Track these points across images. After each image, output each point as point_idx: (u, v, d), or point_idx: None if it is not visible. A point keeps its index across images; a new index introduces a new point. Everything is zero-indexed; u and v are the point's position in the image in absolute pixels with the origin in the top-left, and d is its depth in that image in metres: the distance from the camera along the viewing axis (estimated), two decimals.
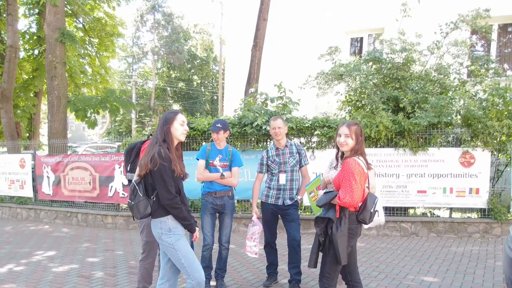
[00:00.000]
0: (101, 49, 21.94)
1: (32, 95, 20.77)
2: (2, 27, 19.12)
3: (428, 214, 10.67)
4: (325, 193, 4.52)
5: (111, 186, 11.91)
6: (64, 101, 14.44)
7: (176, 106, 57.52)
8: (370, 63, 11.73)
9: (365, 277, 6.94)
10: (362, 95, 11.45)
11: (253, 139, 11.05)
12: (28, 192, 13.81)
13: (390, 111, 10.44)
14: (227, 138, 6.70)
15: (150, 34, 56.41)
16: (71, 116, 17.20)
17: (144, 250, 5.78)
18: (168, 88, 58.16)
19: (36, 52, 21.45)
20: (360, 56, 13.25)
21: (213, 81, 60.95)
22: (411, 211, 10.71)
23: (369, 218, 4.41)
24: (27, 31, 21.36)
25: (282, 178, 6.41)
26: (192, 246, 5.04)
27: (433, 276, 7.04)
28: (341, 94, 12.08)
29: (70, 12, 19.96)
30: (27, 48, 21.69)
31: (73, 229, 12.08)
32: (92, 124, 15.71)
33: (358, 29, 17.11)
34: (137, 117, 51.30)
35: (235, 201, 8.03)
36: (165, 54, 54.55)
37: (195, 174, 6.47)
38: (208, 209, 6.45)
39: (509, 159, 10.09)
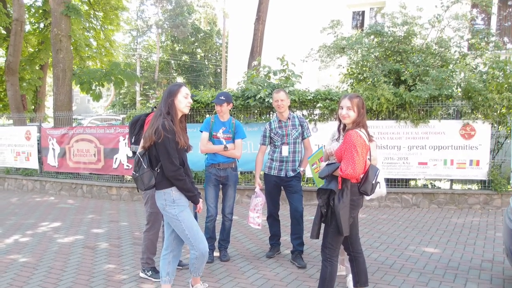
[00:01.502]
0: (106, 23, 21.87)
1: (37, 68, 20.78)
2: (8, 0, 19.04)
3: (429, 186, 10.75)
4: (327, 165, 4.53)
5: (116, 158, 11.99)
6: (69, 74, 14.46)
7: (180, 79, 57.27)
8: (372, 37, 11.70)
9: (367, 248, 7.01)
10: (364, 68, 11.45)
11: (256, 111, 11.09)
12: (33, 164, 13.92)
13: (391, 83, 10.43)
14: (230, 110, 6.73)
15: (154, 7, 56.05)
16: (76, 88, 17.23)
17: (148, 221, 5.84)
18: (172, 61, 57.89)
19: (41, 25, 21.45)
20: (362, 30, 13.23)
21: (217, 54, 60.61)
22: (412, 183, 10.77)
23: (370, 190, 4.43)
24: (33, 5, 21.30)
25: (285, 150, 6.43)
26: (195, 217, 5.11)
27: (434, 247, 7.11)
28: (343, 67, 12.07)
29: None
30: (33, 22, 21.67)
31: (78, 201, 12.21)
32: (97, 97, 15.75)
33: (360, 3, 17.03)
34: (142, 90, 51.18)
35: (238, 172, 8.09)
36: (169, 27, 54.19)
37: (198, 146, 6.51)
38: (211, 180, 6.50)
39: (509, 131, 10.14)
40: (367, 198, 4.74)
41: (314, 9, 16.79)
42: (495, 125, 10.05)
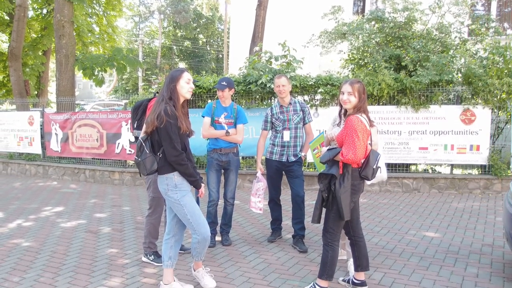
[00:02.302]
0: (108, 8, 21.77)
1: (40, 54, 20.75)
2: None
3: (430, 171, 10.79)
4: (328, 150, 4.55)
5: (118, 143, 12.03)
6: (72, 60, 14.47)
7: (182, 65, 57.16)
8: (373, 22, 11.73)
9: (368, 233, 7.05)
10: (365, 54, 11.47)
11: (257, 96, 11.11)
12: (36, 149, 13.98)
13: (392, 69, 10.46)
14: (232, 95, 6.74)
15: None
16: (79, 74, 17.21)
17: (150, 206, 5.86)
18: (174, 47, 57.72)
19: (44, 11, 21.35)
20: (363, 15, 13.21)
21: (219, 40, 60.47)
22: (412, 168, 10.83)
23: (371, 174, 4.44)
24: None
25: (286, 135, 6.46)
26: (197, 202, 5.13)
27: (434, 232, 7.15)
28: (344, 53, 12.09)
29: None
30: (36, 8, 21.59)
31: (81, 185, 12.26)
32: (100, 82, 15.76)
33: None
34: (144, 75, 51.10)
35: (240, 157, 8.11)
36: (171, 13, 54.05)
37: (200, 131, 6.53)
38: (213, 165, 6.53)
39: (509, 116, 10.17)
40: (368, 182, 4.76)
41: None
42: (495, 110, 10.08)
